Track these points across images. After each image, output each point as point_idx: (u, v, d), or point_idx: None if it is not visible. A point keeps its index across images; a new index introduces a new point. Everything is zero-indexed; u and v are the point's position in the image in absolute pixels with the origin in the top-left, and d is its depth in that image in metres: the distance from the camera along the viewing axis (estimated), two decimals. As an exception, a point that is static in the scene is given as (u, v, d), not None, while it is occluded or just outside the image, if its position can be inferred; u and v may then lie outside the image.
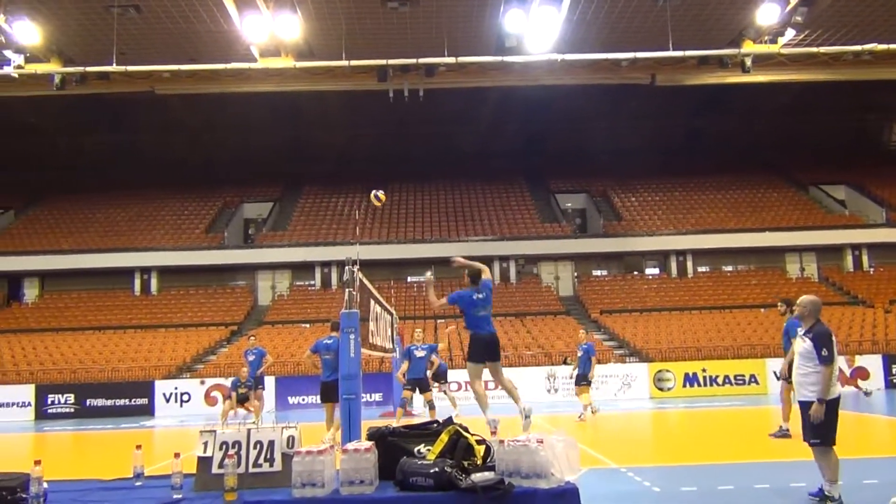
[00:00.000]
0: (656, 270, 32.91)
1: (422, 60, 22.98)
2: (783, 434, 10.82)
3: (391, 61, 23.09)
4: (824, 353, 6.05)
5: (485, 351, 8.66)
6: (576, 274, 32.54)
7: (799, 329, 6.71)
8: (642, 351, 24.01)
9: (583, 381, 14.81)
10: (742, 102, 35.40)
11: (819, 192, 35.66)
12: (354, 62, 22.97)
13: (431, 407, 13.55)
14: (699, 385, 21.85)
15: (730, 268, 32.75)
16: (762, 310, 26.97)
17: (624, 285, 31.47)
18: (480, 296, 8.65)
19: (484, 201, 35.74)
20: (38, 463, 3.54)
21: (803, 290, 14.94)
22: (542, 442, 3.52)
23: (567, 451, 3.64)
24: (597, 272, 33.19)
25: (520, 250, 31.98)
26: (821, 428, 6.08)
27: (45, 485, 3.54)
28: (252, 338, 17.44)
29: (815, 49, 23.38)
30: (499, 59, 22.91)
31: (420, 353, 13.81)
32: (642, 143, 38.69)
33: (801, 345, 6.28)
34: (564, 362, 22.89)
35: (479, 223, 33.55)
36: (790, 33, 22.04)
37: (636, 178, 36.78)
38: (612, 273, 33.04)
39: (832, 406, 6.11)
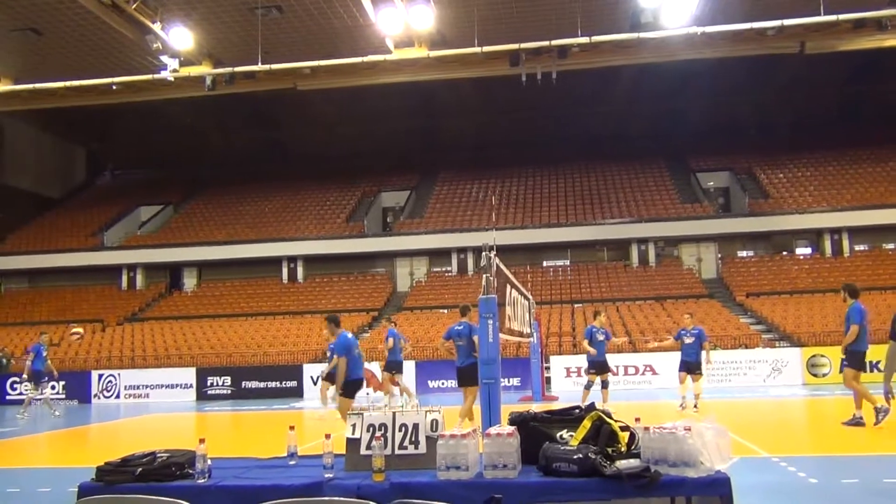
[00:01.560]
0: (808, 250, 31.03)
1: (554, 42, 22.68)
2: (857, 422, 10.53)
3: (523, 45, 22.93)
4: None
5: None
6: (719, 255, 31.23)
7: None
8: (793, 335, 22.76)
9: (696, 369, 13.82)
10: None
11: None
12: (487, 48, 22.99)
13: (605, 386, 13.50)
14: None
15: (891, 246, 30.40)
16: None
17: (772, 266, 29.90)
18: None
19: (620, 183, 34.92)
20: (202, 441, 3.79)
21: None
22: (689, 429, 3.41)
23: (717, 440, 3.51)
24: (742, 253, 31.72)
25: (659, 232, 31.03)
26: None
27: (209, 461, 3.78)
28: (393, 323, 17.94)
29: None
30: (634, 35, 22.29)
31: (600, 337, 13.63)
32: (790, 116, 36.55)
33: None
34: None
35: (616, 205, 32.82)
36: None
37: (784, 152, 34.78)
38: (758, 254, 31.47)
39: None
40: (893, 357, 10.69)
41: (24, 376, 18.27)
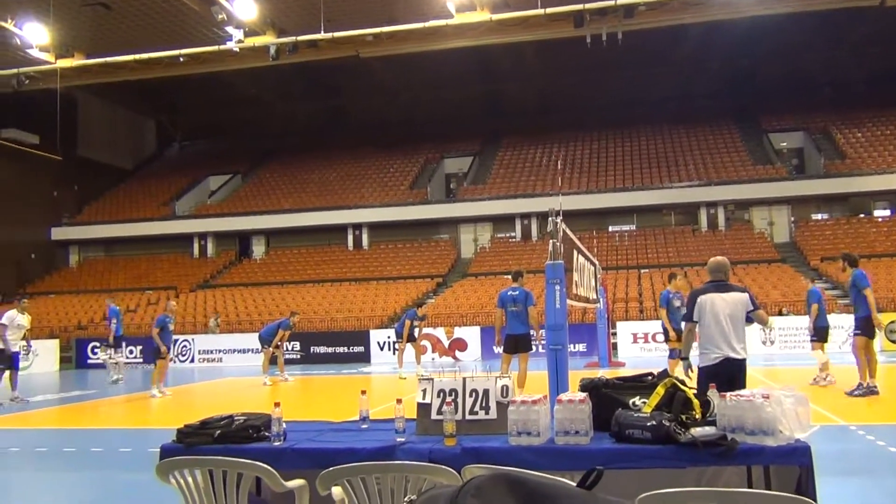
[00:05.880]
0: (887, 212, 29.82)
1: (620, 1, 22.12)
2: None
3: (588, 5, 22.44)
4: None
5: None
6: (792, 219, 30.28)
7: None
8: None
9: (815, 336, 12.71)
10: None
11: None
12: (550, 10, 22.58)
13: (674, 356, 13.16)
14: (941, 338, 19.73)
15: (977, 207, 29.00)
16: None
17: (848, 229, 28.85)
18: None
19: (688, 145, 34.06)
20: (277, 405, 3.87)
21: None
22: (768, 397, 3.32)
23: (796, 408, 3.41)
24: (816, 216, 30.69)
25: (729, 195, 30.22)
26: None
27: (284, 425, 3.86)
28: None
29: None
30: (703, -9, 21.54)
31: (677, 303, 13.03)
32: (869, 73, 34.94)
33: None
34: (779, 314, 21.57)
35: (684, 168, 32.06)
36: None
37: (863, 111, 33.33)
38: (834, 216, 30.39)
39: None
40: None
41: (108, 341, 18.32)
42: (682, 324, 7.37)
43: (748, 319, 6.18)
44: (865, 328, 10.54)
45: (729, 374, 5.87)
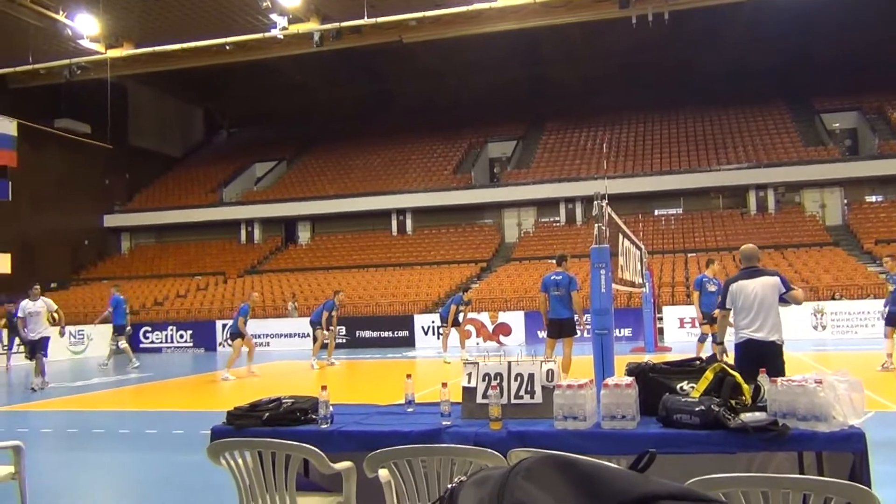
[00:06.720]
0: (945, 193, 28.90)
1: (666, -20, 21.73)
2: None
3: (633, -15, 22.09)
4: None
5: None
6: (845, 201, 29.51)
7: None
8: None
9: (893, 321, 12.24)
10: None
11: None
12: (594, -10, 22.28)
13: (715, 340, 12.92)
14: None
15: None
16: None
17: (904, 211, 28.04)
18: None
19: (737, 126, 33.38)
20: (324, 388, 3.92)
21: None
22: (820, 382, 3.25)
23: (850, 393, 3.33)
24: (871, 198, 29.87)
25: (779, 177, 29.56)
26: None
27: (331, 408, 3.91)
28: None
29: None
30: (753, -31, 21.02)
31: (711, 288, 12.86)
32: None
33: None
34: (832, 298, 21.11)
35: (733, 150, 31.44)
36: None
37: (919, 89, 32.26)
38: (889, 198, 29.53)
39: None
40: None
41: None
42: (716, 310, 7.62)
43: (783, 301, 6.43)
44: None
45: (754, 353, 6.24)
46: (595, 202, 7.42)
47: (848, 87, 33.51)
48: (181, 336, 25.09)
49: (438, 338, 20.19)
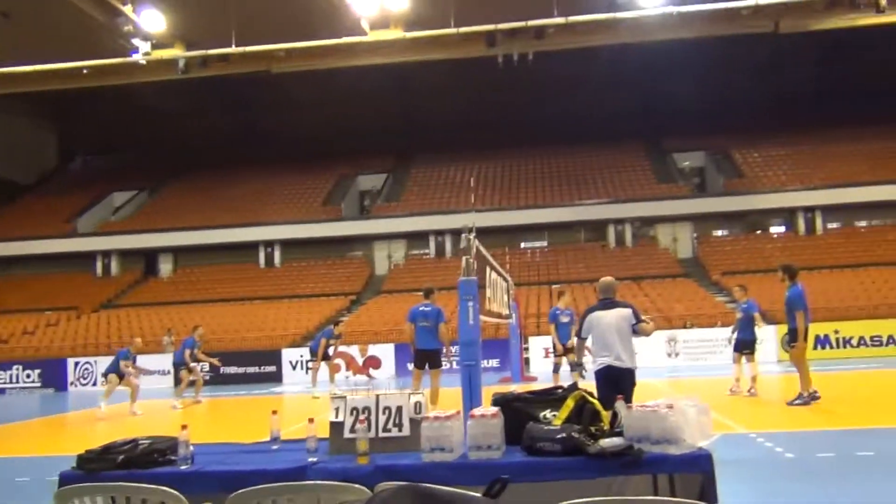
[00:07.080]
0: (782, 229, 31.42)
1: (531, 23, 22.69)
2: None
3: (499, 26, 22.91)
4: None
5: None
6: (695, 235, 31.51)
7: None
8: (768, 313, 22.99)
9: (746, 347, 12.97)
10: (877, 46, 32.86)
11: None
12: (463, 29, 22.96)
13: (573, 369, 13.33)
14: (831, 347, 20.87)
15: (864, 223, 30.85)
16: (901, 267, 25.31)
17: (747, 245, 30.21)
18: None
19: (598, 164, 35.04)
20: (184, 427, 3.76)
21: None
22: (671, 407, 3.43)
23: (699, 417, 3.54)
24: (717, 232, 32.04)
25: (635, 213, 31.23)
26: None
27: (192, 448, 3.76)
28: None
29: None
30: (610, 15, 22.34)
31: (564, 319, 13.24)
32: (764, 96, 36.78)
33: None
34: (683, 326, 22.34)
35: (593, 186, 32.95)
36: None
37: (759, 132, 35.05)
38: (733, 233, 31.81)
39: None
40: None
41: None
42: (575, 339, 8.38)
43: (634, 332, 6.94)
44: (796, 336, 10.90)
45: (613, 379, 6.75)
46: (463, 235, 7.55)
47: (695, 130, 35.94)
48: (28, 376, 23.37)
49: (307, 372, 19.80)
